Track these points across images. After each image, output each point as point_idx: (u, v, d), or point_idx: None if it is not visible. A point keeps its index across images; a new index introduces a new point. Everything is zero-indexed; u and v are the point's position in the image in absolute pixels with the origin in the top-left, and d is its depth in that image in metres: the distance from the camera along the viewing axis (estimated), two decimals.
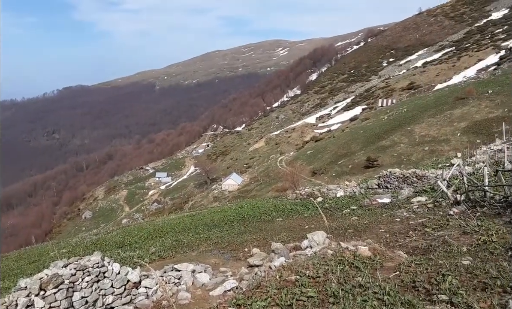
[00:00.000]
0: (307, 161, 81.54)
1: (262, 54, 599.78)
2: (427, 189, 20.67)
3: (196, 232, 22.06)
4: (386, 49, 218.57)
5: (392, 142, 66.06)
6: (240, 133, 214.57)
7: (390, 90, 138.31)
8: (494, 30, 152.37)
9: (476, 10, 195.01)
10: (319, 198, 27.51)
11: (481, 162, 26.32)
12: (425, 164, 41.35)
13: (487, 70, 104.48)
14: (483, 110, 62.69)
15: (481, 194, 13.24)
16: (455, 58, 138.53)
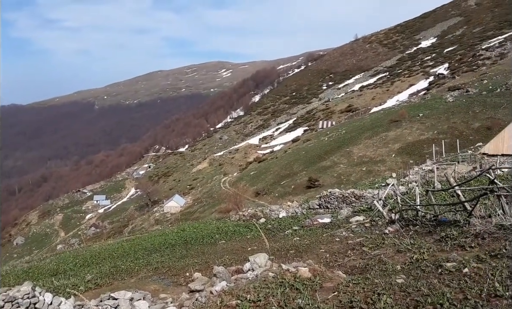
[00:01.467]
0: (250, 182, 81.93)
1: (206, 75, 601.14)
2: (365, 208, 21.42)
3: (136, 257, 21.31)
4: (326, 73, 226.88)
5: (333, 163, 68.06)
6: (183, 154, 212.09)
7: (330, 112, 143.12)
8: (423, 57, 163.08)
9: (407, 39, 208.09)
10: (262, 219, 27.63)
11: (414, 181, 27.75)
12: (363, 183, 42.90)
13: (418, 95, 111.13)
14: (415, 133, 66.36)
15: (414, 213, 13.90)
16: (389, 83, 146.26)
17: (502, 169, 20.37)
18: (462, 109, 68.97)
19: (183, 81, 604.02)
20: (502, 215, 9.39)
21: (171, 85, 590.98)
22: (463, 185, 14.75)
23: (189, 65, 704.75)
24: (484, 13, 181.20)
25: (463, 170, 29.63)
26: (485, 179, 15.75)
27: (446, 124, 65.04)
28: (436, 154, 48.46)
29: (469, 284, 6.41)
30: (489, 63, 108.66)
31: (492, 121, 58.96)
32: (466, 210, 10.98)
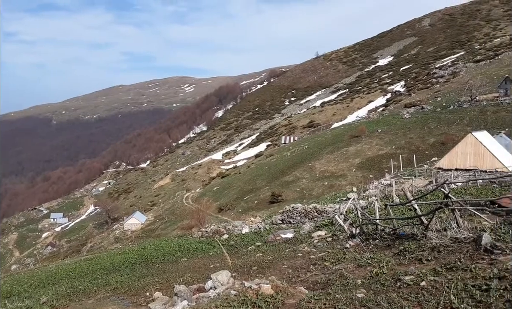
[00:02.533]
0: (213, 197, 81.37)
1: (168, 90, 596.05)
2: (327, 223, 21.66)
3: (94, 277, 20.57)
4: (288, 89, 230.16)
5: (295, 177, 68.70)
6: (144, 170, 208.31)
7: (292, 127, 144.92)
8: (381, 75, 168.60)
9: (366, 57, 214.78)
10: (225, 235, 27.40)
11: (374, 195, 28.38)
12: (325, 198, 43.48)
13: (377, 111, 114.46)
14: (374, 148, 68.16)
15: (374, 226, 14.18)
16: (349, 100, 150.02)
17: (456, 183, 21.17)
18: (418, 125, 71.51)
19: (145, 96, 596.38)
20: (456, 228, 9.70)
21: (132, 100, 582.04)
22: (420, 199, 15.22)
23: (151, 80, 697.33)
24: (437, 34, 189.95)
25: (420, 184, 30.60)
26: (440, 193, 16.30)
27: (404, 139, 67.19)
28: (395, 169, 49.90)
29: (426, 297, 6.55)
30: (443, 81, 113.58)
31: (446, 136, 61.44)
32: (423, 223, 11.30)
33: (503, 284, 6.15)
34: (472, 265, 7.36)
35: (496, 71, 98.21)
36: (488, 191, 21.02)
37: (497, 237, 8.53)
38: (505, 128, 59.81)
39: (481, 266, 7.25)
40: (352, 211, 20.57)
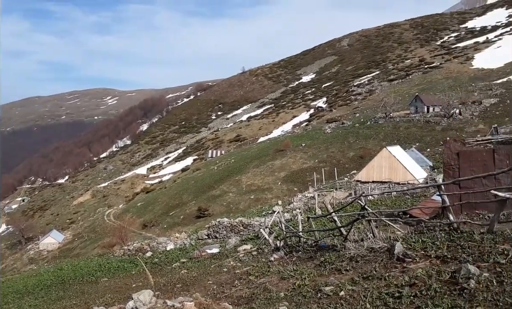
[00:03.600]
0: (137, 213, 78.76)
1: (89, 102, 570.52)
2: (252, 236, 21.83)
3: (5, 301, 18.98)
4: (215, 103, 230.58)
5: (222, 191, 68.62)
6: (62, 186, 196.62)
7: (219, 141, 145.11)
8: (304, 91, 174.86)
9: (290, 73, 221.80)
10: (149, 252, 26.61)
11: (298, 208, 29.12)
12: (251, 211, 43.87)
13: (301, 126, 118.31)
14: (299, 161, 70.20)
15: (297, 239, 14.51)
16: (274, 114, 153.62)
17: (373, 195, 22.38)
18: (339, 140, 74.89)
19: (64, 108, 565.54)
20: (372, 238, 10.21)
21: (50, 112, 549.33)
22: (340, 211, 15.86)
23: (71, 91, 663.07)
24: (355, 54, 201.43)
25: (341, 196, 31.95)
26: (358, 204, 17.09)
27: (326, 153, 69.95)
28: (317, 181, 51.69)
29: (344, 307, 6.79)
30: (360, 98, 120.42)
31: (364, 150, 64.93)
32: (342, 234, 11.76)
33: (414, 291, 6.55)
34: (386, 274, 7.77)
35: (408, 90, 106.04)
36: (401, 201, 22.42)
37: (408, 246, 9.09)
38: (416, 143, 64.59)
39: (394, 274, 7.68)
40: (277, 224, 20.92)
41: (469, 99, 79.61)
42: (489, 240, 8.19)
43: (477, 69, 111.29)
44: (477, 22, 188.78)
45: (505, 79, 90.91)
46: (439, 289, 6.27)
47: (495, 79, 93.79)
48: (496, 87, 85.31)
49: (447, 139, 14.40)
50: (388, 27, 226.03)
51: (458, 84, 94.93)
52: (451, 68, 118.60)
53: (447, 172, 15.04)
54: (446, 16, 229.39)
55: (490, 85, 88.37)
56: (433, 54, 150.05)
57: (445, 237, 9.13)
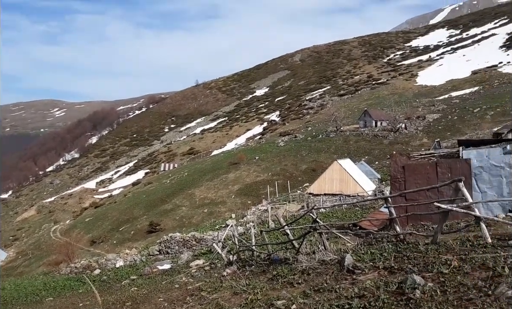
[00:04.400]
0: (85, 229, 75.83)
1: (35, 114, 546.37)
2: (205, 251, 21.56)
3: None
4: (168, 115, 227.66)
5: (175, 205, 67.51)
6: (5, 201, 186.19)
7: (172, 154, 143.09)
8: (258, 104, 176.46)
9: (244, 87, 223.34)
10: (97, 270, 25.64)
11: (251, 221, 29.13)
12: (205, 225, 43.41)
13: (254, 139, 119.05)
14: (252, 174, 70.44)
15: (250, 253, 14.47)
16: (228, 127, 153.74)
17: (324, 208, 22.78)
18: (292, 153, 75.94)
19: (8, 119, 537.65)
20: (323, 250, 10.35)
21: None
22: (293, 224, 16.00)
23: (16, 102, 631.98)
24: (307, 69, 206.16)
25: (294, 208, 32.30)
26: (311, 217, 17.31)
27: (279, 166, 70.66)
28: (271, 194, 52.04)
29: None
30: (312, 112, 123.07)
31: (316, 163, 66.22)
32: (294, 247, 11.85)
33: (363, 302, 6.66)
34: (337, 286, 7.87)
35: (357, 104, 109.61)
36: (351, 213, 23.02)
37: (358, 258, 9.27)
38: (365, 156, 66.69)
39: (344, 286, 7.79)
40: (230, 238, 20.81)
41: (414, 114, 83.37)
42: (433, 251, 8.50)
43: (420, 86, 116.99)
44: (421, 41, 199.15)
45: (446, 95, 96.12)
46: (386, 300, 6.42)
47: (437, 95, 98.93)
48: (438, 103, 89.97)
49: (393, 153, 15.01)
50: (338, 44, 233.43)
51: (404, 100, 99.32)
52: (397, 84, 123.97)
53: (393, 184, 15.60)
54: (392, 35, 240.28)
55: (433, 101, 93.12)
56: (380, 71, 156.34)
57: (392, 248, 9.39)
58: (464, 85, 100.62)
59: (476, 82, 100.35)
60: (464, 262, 7.34)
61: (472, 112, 75.05)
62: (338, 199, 34.55)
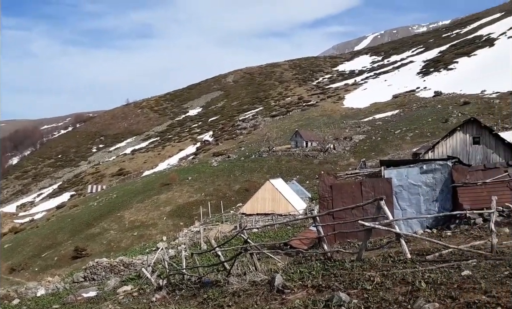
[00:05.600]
0: (4, 256, 70.01)
1: None
2: (134, 276, 20.76)
3: None
4: (96, 135, 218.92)
5: (102, 229, 64.57)
6: None
7: (101, 176, 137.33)
8: (191, 124, 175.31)
9: (176, 106, 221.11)
10: (16, 299, 23.75)
11: (183, 244, 28.58)
12: (134, 249, 41.87)
13: (187, 159, 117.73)
14: (185, 195, 69.38)
15: (181, 276, 14.14)
16: (160, 147, 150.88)
17: (256, 228, 22.94)
18: (225, 173, 75.95)
19: None
20: (254, 271, 10.37)
21: None
22: (225, 245, 15.91)
23: None
24: (240, 90, 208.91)
25: (227, 229, 32.18)
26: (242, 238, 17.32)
27: (212, 186, 70.28)
28: (204, 215, 51.49)
29: None
30: (245, 132, 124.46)
31: (249, 183, 66.69)
32: (226, 269, 11.76)
33: None
34: (267, 306, 7.90)
35: (288, 125, 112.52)
36: (283, 232, 23.35)
37: (288, 277, 9.39)
38: (296, 175, 68.32)
39: (274, 306, 7.84)
40: (161, 262, 20.25)
41: (342, 135, 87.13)
42: (358, 267, 8.84)
43: (347, 108, 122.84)
44: (347, 66, 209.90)
45: (370, 117, 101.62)
46: None
47: (362, 117, 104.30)
48: (363, 125, 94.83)
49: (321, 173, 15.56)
50: (270, 66, 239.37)
51: (332, 121, 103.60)
52: (326, 106, 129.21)
53: (322, 203, 16.10)
54: (320, 59, 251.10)
55: (359, 123, 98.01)
56: (310, 93, 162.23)
57: (321, 266, 9.63)
58: (386, 108, 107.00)
59: (397, 105, 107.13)
60: (386, 277, 7.69)
61: (394, 134, 79.82)
62: (270, 218, 34.97)
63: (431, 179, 15.66)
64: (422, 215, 14.78)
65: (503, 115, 73.33)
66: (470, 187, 14.60)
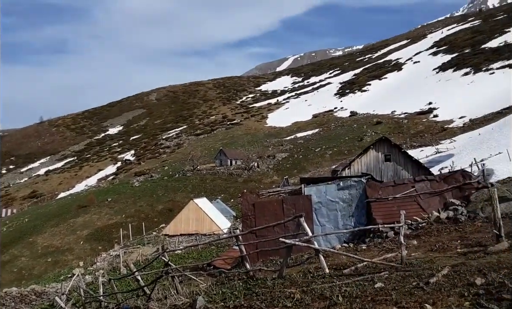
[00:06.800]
0: None
1: None
2: (46, 306, 19.31)
3: None
4: (6, 155, 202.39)
5: (12, 256, 59.52)
6: None
7: (11, 199, 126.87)
8: (111, 143, 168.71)
9: (95, 125, 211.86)
10: None
11: (101, 269, 27.18)
12: (48, 277, 39.05)
13: (107, 180, 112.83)
14: (104, 217, 66.29)
15: (98, 304, 13.40)
16: (78, 168, 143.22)
17: (180, 249, 22.45)
18: (147, 193, 73.83)
19: None
20: (175, 295, 10.11)
21: None
22: (147, 268, 15.37)
23: None
24: (163, 108, 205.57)
25: (148, 251, 31.14)
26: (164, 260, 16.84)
27: (133, 208, 67.92)
28: (124, 238, 49.49)
29: None
30: (169, 151, 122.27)
31: (173, 203, 65.42)
32: (146, 294, 11.34)
33: None
34: None
35: (213, 144, 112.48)
36: (207, 253, 23.09)
37: (210, 299, 9.26)
38: (221, 194, 68.27)
39: None
40: (76, 289, 19.04)
41: (265, 153, 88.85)
42: (279, 285, 8.96)
43: (270, 127, 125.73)
44: (269, 86, 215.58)
45: (292, 136, 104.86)
46: None
47: (284, 136, 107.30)
48: (286, 143, 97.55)
49: (244, 191, 15.73)
50: (194, 85, 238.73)
51: (256, 139, 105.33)
52: (250, 125, 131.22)
53: (245, 222, 16.20)
54: (243, 79, 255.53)
55: (281, 141, 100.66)
56: (234, 112, 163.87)
57: (243, 286, 9.63)
58: (307, 127, 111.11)
59: (317, 124, 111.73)
60: (306, 293, 7.87)
61: (314, 152, 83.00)
62: (194, 238, 34.44)
63: (348, 195, 16.44)
64: (339, 230, 15.43)
65: (411, 134, 79.40)
66: (382, 202, 15.52)
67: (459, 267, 7.80)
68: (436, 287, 6.85)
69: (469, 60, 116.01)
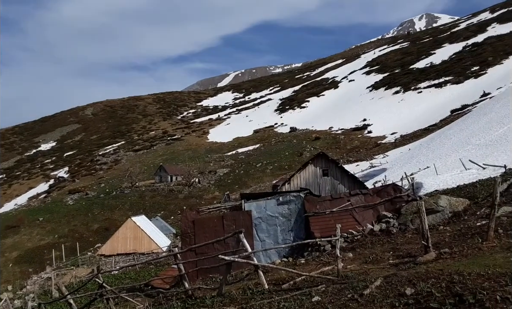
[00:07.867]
0: None
1: None
2: None
3: None
4: None
5: None
6: None
7: None
8: (44, 160, 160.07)
9: (26, 141, 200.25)
10: None
11: (31, 293, 25.55)
12: None
13: (38, 198, 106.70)
14: (35, 238, 62.56)
15: None
16: (6, 186, 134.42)
17: (116, 270, 21.61)
18: (82, 212, 70.67)
19: None
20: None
21: None
22: (79, 291, 14.62)
23: None
24: (100, 123, 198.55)
25: (83, 273, 29.70)
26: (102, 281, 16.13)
27: (67, 227, 64.72)
28: (57, 259, 46.91)
29: None
30: (106, 168, 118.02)
31: (110, 222, 63.04)
32: None
33: None
34: None
35: (153, 160, 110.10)
36: (145, 272, 22.40)
37: None
38: (161, 211, 66.79)
39: None
40: None
41: (206, 169, 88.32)
42: (218, 303, 8.88)
43: (212, 142, 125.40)
44: (210, 102, 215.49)
45: (234, 151, 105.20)
46: None
47: (226, 151, 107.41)
48: (227, 159, 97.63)
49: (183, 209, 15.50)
50: (132, 99, 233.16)
51: (197, 155, 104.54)
52: (191, 140, 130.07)
53: (184, 239, 15.94)
54: (184, 94, 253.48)
55: (223, 157, 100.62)
56: (175, 127, 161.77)
57: (181, 306, 9.45)
58: (248, 143, 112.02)
59: (258, 140, 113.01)
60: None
61: (256, 167, 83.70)
62: (132, 258, 33.31)
63: (287, 210, 16.69)
64: (279, 244, 15.58)
65: (347, 149, 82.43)
66: (320, 216, 15.91)
67: (391, 278, 8.13)
68: (370, 298, 7.08)
69: (399, 79, 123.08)
